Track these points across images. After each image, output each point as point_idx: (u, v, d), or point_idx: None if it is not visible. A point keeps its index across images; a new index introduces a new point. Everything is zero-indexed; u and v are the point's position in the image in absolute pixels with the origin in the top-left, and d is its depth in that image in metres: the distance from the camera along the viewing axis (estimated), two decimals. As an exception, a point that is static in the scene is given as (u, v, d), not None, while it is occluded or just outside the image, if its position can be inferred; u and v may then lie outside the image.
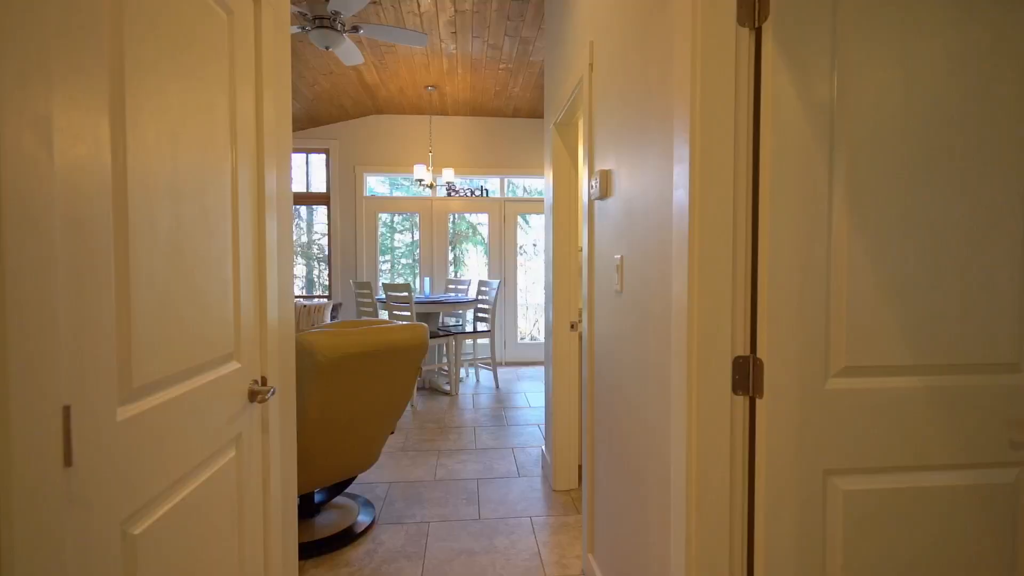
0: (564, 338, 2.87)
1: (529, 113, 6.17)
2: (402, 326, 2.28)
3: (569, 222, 2.87)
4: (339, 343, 2.01)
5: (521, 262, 6.61)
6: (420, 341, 2.34)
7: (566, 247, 2.86)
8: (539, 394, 5.00)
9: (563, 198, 2.86)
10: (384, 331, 2.19)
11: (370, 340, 2.12)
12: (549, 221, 2.98)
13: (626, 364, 1.58)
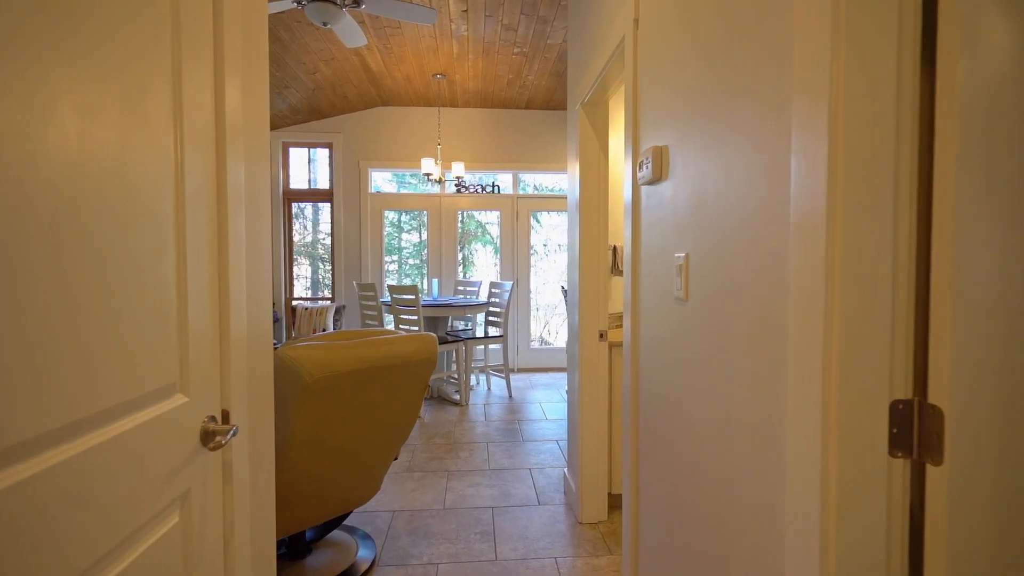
0: (592, 349, 2.51)
1: (543, 104, 5.82)
2: (406, 337, 1.94)
3: (598, 217, 2.52)
4: (330, 359, 1.67)
5: (532, 262, 6.26)
6: (427, 354, 2.00)
7: (594, 245, 2.51)
8: (555, 404, 4.65)
9: (591, 189, 2.51)
10: (385, 343, 1.85)
11: (368, 354, 1.78)
12: (575, 217, 2.63)
13: (695, 395, 1.22)
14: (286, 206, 5.95)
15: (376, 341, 1.84)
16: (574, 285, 2.68)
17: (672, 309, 1.35)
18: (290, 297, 6.01)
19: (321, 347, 1.69)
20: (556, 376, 5.80)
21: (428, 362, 2.02)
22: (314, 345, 1.69)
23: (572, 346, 2.75)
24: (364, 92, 5.30)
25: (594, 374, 2.52)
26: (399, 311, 4.42)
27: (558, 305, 6.51)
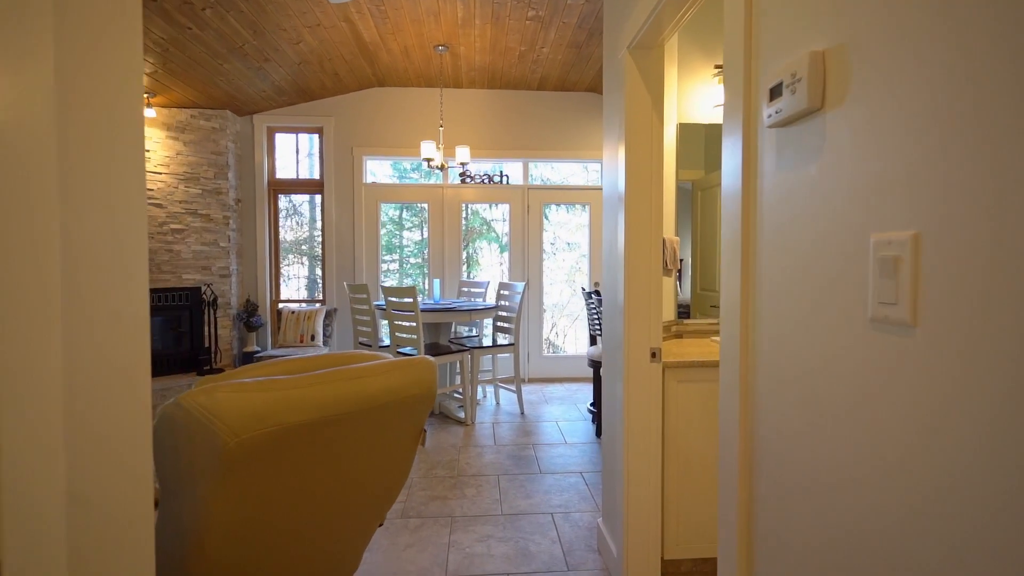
0: (640, 373, 1.91)
1: (557, 84, 5.21)
2: (389, 365, 1.34)
3: (650, 202, 1.91)
4: (269, 407, 1.07)
5: (544, 261, 5.65)
6: (423, 388, 1.40)
7: (644, 240, 1.91)
8: (574, 424, 4.04)
9: (641, 165, 1.91)
10: (358, 377, 1.25)
11: (333, 395, 1.18)
12: (618, 205, 2.02)
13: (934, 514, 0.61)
14: (272, 198, 5.37)
15: (346, 374, 1.24)
16: (613, 290, 2.08)
17: (860, 338, 0.75)
18: (276, 299, 5.42)
19: (257, 388, 1.09)
20: (572, 388, 5.20)
21: (424, 398, 1.42)
22: (247, 384, 1.09)
23: (612, 366, 2.15)
24: (357, 69, 4.70)
25: (643, 406, 1.92)
26: (395, 316, 3.83)
27: (567, 305, 5.92)
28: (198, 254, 4.78)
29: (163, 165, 4.58)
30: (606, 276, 2.24)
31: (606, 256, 2.24)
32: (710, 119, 2.61)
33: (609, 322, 2.19)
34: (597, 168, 5.74)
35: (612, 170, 2.13)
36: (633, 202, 1.90)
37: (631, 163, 1.90)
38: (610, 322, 2.17)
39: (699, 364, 1.98)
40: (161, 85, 4.15)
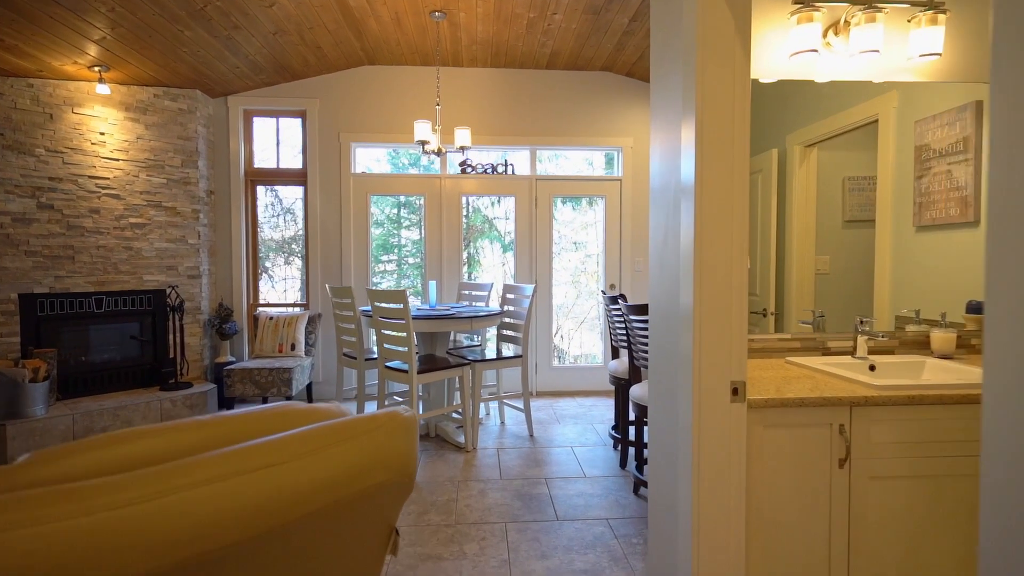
0: (717, 414, 1.33)
1: (569, 61, 4.64)
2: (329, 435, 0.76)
3: (732, 182, 1.33)
4: (40, 557, 0.49)
5: (553, 261, 5.07)
6: (393, 472, 0.82)
7: (726, 235, 1.33)
8: (591, 449, 3.46)
9: (722, 130, 1.33)
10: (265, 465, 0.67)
11: (201, 510, 0.60)
12: (686, 197, 1.44)
13: None
14: (249, 189, 4.79)
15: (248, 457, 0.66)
16: (669, 302, 1.51)
17: None
18: (254, 303, 4.85)
19: (27, 505, 0.51)
20: (585, 403, 4.62)
21: (394, 486, 0.84)
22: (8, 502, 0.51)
23: (667, 402, 1.57)
24: (343, 42, 4.13)
25: (720, 460, 1.34)
26: (383, 324, 3.25)
27: (572, 307, 5.34)
28: (162, 252, 4.20)
29: (121, 151, 4.01)
30: (656, 283, 1.66)
31: (655, 258, 1.66)
32: (776, 74, 2.03)
33: (662, 342, 1.61)
34: (609, 159, 5.16)
35: (667, 145, 1.55)
36: (710, 182, 1.32)
37: (707, 128, 1.32)
38: (664, 343, 1.59)
39: (797, 403, 1.40)
40: (114, 56, 3.58)
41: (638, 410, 2.60)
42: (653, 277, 1.70)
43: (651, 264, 1.72)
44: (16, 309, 3.65)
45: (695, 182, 1.33)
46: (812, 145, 2.27)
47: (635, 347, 2.75)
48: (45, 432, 3.40)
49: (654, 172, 1.70)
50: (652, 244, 1.70)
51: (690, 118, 1.35)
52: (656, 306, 1.67)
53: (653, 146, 1.71)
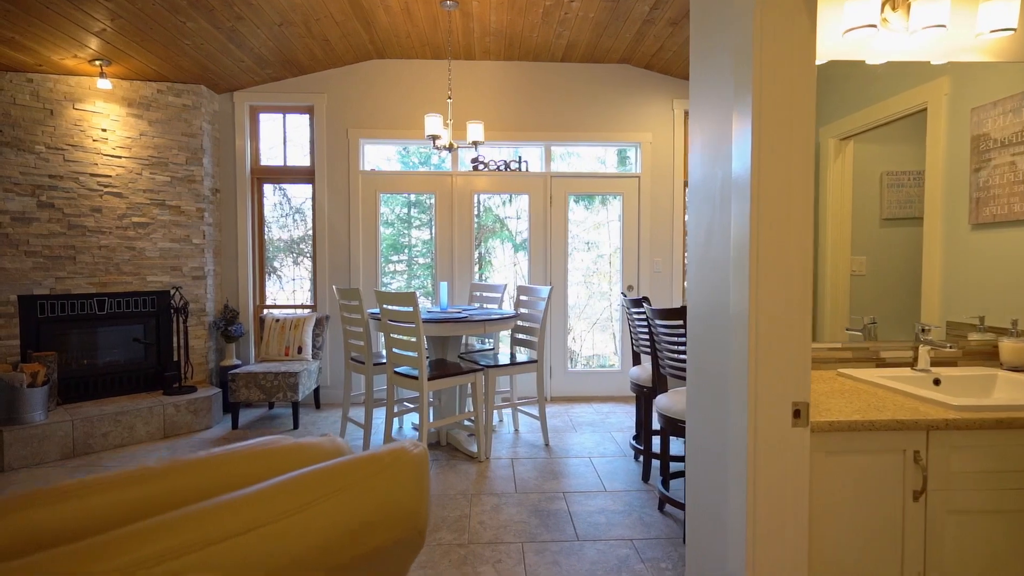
0: (775, 440, 1.15)
1: (586, 53, 4.45)
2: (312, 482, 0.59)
3: (793, 186, 1.15)
4: None
5: (569, 261, 4.88)
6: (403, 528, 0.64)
7: (788, 240, 1.15)
8: (612, 461, 3.27)
9: (783, 130, 1.15)
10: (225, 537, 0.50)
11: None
12: (739, 191, 1.27)
13: None
14: (256, 188, 4.66)
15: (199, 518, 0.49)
16: (712, 307, 1.32)
17: None
18: (260, 305, 4.72)
19: None
20: (602, 410, 4.43)
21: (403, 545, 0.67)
22: None
23: (710, 422, 1.39)
24: (351, 34, 3.98)
25: (779, 494, 1.15)
26: (392, 328, 3.09)
27: (584, 308, 5.16)
28: (166, 252, 4.08)
29: (123, 148, 3.89)
30: (697, 286, 1.48)
31: (696, 258, 1.48)
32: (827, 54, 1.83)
33: (704, 352, 1.43)
34: (622, 156, 4.97)
35: (711, 135, 1.37)
36: (769, 173, 1.14)
37: (766, 112, 1.14)
38: (706, 352, 1.41)
39: (866, 427, 1.21)
40: (115, 49, 3.46)
41: (665, 422, 2.42)
42: (693, 279, 1.52)
43: (690, 265, 1.54)
44: (16, 311, 3.54)
45: (750, 174, 1.14)
46: (848, 138, 2.08)
47: (661, 354, 2.56)
48: (44, 439, 3.28)
49: (694, 165, 1.52)
50: (691, 243, 1.52)
51: (744, 102, 1.17)
52: (697, 311, 1.49)
53: (693, 137, 1.53)
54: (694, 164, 1.52)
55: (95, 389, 3.82)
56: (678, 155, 4.72)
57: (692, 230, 1.52)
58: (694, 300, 1.51)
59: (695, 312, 1.50)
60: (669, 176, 4.74)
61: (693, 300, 1.51)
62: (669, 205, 4.75)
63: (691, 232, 1.52)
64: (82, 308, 3.76)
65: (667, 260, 4.77)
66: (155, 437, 3.71)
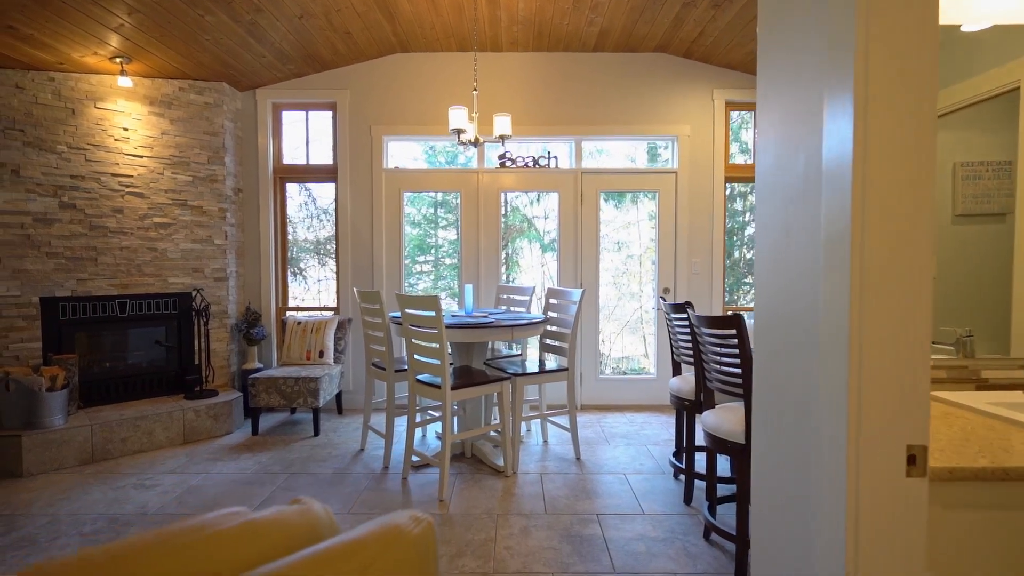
0: (885, 488, 0.90)
1: (620, 42, 4.20)
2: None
3: (911, 171, 0.90)
4: None
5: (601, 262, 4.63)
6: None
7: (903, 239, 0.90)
8: (649, 479, 3.02)
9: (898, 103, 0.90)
10: None
11: None
12: (833, 181, 1.02)
13: None
14: (278, 187, 4.56)
15: None
16: (785, 316, 1.08)
17: None
18: (283, 307, 4.62)
19: None
20: (636, 420, 4.17)
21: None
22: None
23: (784, 463, 1.15)
24: (373, 26, 3.82)
25: (889, 563, 0.90)
26: (413, 333, 2.91)
27: (614, 309, 4.90)
28: (188, 253, 4.00)
29: (145, 147, 3.82)
30: (770, 291, 1.23)
31: (768, 260, 1.24)
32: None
33: (778, 367, 1.18)
34: (653, 153, 4.69)
35: (791, 118, 1.13)
36: (879, 156, 0.90)
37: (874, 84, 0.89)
38: (781, 369, 1.17)
39: (999, 475, 0.95)
40: (135, 46, 3.38)
41: (713, 442, 2.16)
42: (764, 284, 1.27)
43: (759, 268, 1.29)
44: (38, 313, 3.49)
45: (851, 157, 0.90)
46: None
47: (708, 366, 2.31)
48: (62, 444, 3.21)
49: (765, 152, 1.28)
50: (761, 242, 1.27)
51: (842, 69, 0.93)
52: (768, 321, 1.24)
53: (764, 120, 1.29)
54: (764, 151, 1.28)
55: (117, 392, 3.76)
56: (719, 149, 4.43)
57: (762, 227, 1.28)
58: (765, 308, 1.26)
59: (766, 322, 1.26)
60: (708, 171, 4.45)
61: (763, 308, 1.27)
62: (708, 202, 4.46)
63: (761, 230, 1.28)
64: (104, 310, 3.71)
65: (706, 261, 4.47)
66: (175, 443, 3.62)
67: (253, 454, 3.43)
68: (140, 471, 3.16)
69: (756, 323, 1.31)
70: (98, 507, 2.69)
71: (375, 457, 3.36)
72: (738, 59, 4.22)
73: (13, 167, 3.43)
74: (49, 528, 2.47)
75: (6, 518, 2.59)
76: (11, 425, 3.18)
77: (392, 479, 3.02)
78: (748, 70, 4.35)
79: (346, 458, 3.35)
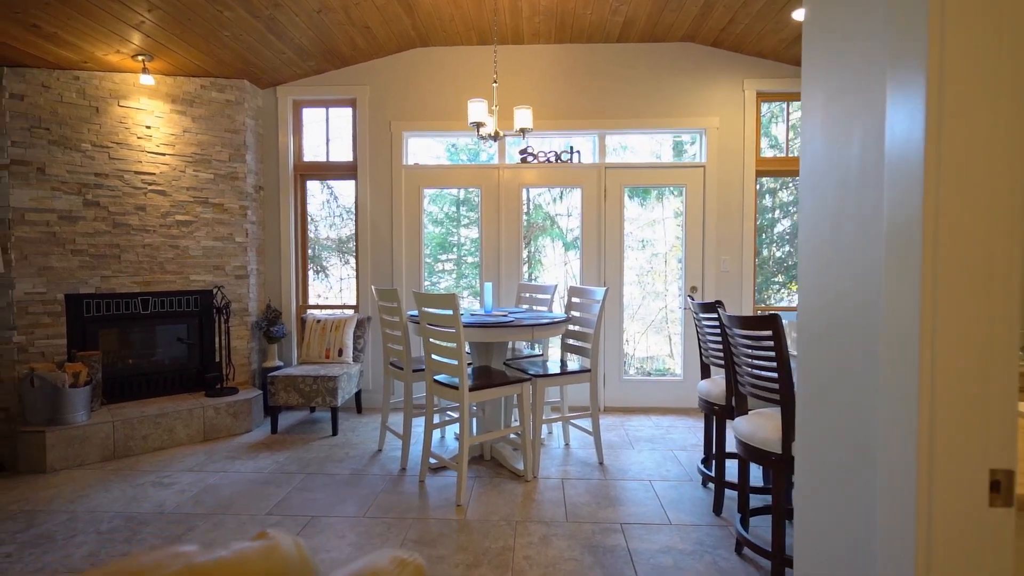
0: (962, 520, 0.77)
1: (645, 31, 4.06)
2: None
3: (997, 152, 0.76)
4: None
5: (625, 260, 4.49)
6: None
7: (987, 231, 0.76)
8: (676, 486, 2.89)
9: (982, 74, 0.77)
10: None
11: None
12: (898, 168, 0.89)
13: None
14: (299, 184, 4.54)
15: None
16: (837, 317, 0.96)
17: None
18: (303, 305, 4.60)
19: None
20: (661, 423, 4.02)
21: None
22: None
23: (848, 469, 1.02)
24: (392, 19, 3.76)
25: (965, 608, 0.77)
26: (431, 332, 2.83)
27: (638, 309, 4.76)
28: (209, 251, 4.01)
29: (167, 145, 3.84)
30: (819, 289, 1.11)
31: (815, 256, 1.11)
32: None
33: (823, 374, 1.06)
34: (678, 148, 4.53)
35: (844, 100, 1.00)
36: (957, 133, 0.77)
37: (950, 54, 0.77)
38: (825, 375, 1.04)
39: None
40: (156, 43, 3.38)
41: (746, 451, 2.03)
42: (809, 282, 1.15)
43: (804, 265, 1.17)
44: (63, 310, 3.53)
45: (923, 139, 0.77)
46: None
47: (740, 369, 2.17)
48: (84, 440, 3.23)
49: (811, 140, 1.15)
50: (807, 237, 1.15)
51: (911, 40, 0.80)
52: (814, 322, 1.12)
53: (811, 104, 1.16)
54: (811, 138, 1.15)
55: (139, 389, 3.79)
56: (749, 141, 4.24)
57: (808, 221, 1.15)
58: (811, 308, 1.14)
59: (812, 324, 1.13)
60: (738, 165, 4.27)
61: (809, 308, 1.14)
62: (738, 197, 4.28)
63: (806, 224, 1.15)
64: (127, 307, 3.73)
65: (735, 259, 4.30)
66: (195, 440, 3.63)
67: (271, 453, 3.40)
68: (159, 468, 3.16)
69: (800, 325, 1.18)
70: (116, 505, 2.68)
71: (393, 458, 3.30)
72: (771, 47, 4.03)
73: (39, 165, 3.46)
74: (67, 525, 2.47)
75: (27, 514, 2.60)
76: (36, 421, 3.21)
77: (409, 481, 2.95)
78: (781, 58, 4.15)
79: (363, 459, 3.30)
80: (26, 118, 3.42)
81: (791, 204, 4.61)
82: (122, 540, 2.34)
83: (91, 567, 2.10)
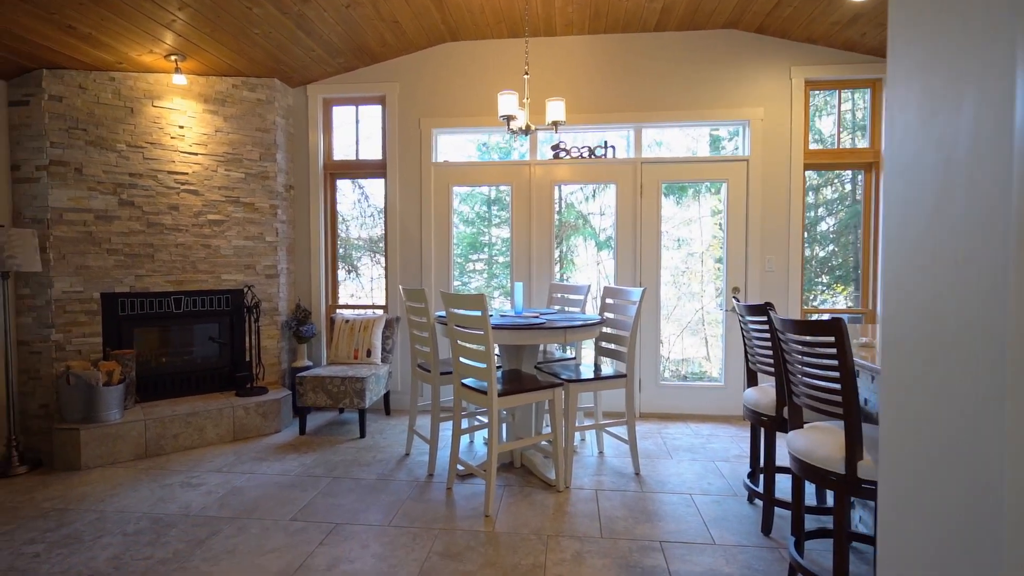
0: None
1: (684, 19, 3.86)
2: None
3: None
4: None
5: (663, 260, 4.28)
6: None
7: None
8: (719, 501, 2.69)
9: None
10: None
11: None
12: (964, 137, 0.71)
13: None
14: (329, 183, 4.51)
15: None
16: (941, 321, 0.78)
17: None
18: (333, 304, 4.57)
19: None
20: (701, 431, 3.81)
21: None
22: None
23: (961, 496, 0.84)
24: (422, 13, 3.67)
25: None
26: (459, 334, 2.72)
27: (674, 310, 4.54)
28: (240, 250, 4.01)
29: (200, 144, 3.85)
30: (906, 293, 0.93)
31: (908, 251, 0.94)
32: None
33: (916, 388, 0.88)
34: (715, 141, 4.29)
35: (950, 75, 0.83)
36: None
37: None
38: (920, 389, 0.87)
39: None
40: (188, 43, 3.38)
41: (801, 469, 1.83)
42: (898, 282, 0.97)
43: (890, 260, 0.99)
44: (99, 308, 3.57)
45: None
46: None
47: (794, 378, 1.97)
48: (117, 438, 3.25)
49: (904, 112, 0.97)
50: (897, 232, 0.97)
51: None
52: (906, 328, 0.94)
53: (900, 74, 0.98)
54: (901, 110, 0.97)
55: (171, 387, 3.81)
56: (797, 133, 3.99)
57: (895, 211, 0.97)
58: (901, 312, 0.96)
59: (902, 330, 0.95)
60: (785, 159, 4.02)
61: (899, 312, 0.97)
62: (785, 193, 4.03)
63: (894, 215, 0.98)
64: (160, 306, 3.75)
65: (781, 257, 4.05)
66: (224, 440, 3.62)
67: (299, 455, 3.36)
68: (188, 468, 3.15)
69: (884, 331, 1.00)
70: (144, 505, 2.66)
71: (420, 463, 3.21)
72: (821, 31, 3.77)
73: (77, 166, 3.51)
74: (96, 525, 2.46)
75: (59, 512, 2.60)
76: (72, 419, 3.25)
77: (436, 488, 2.85)
78: (833, 43, 3.88)
79: (390, 463, 3.22)
80: (64, 119, 3.48)
81: (836, 201, 4.32)
82: (147, 543, 2.30)
83: (114, 571, 2.07)
